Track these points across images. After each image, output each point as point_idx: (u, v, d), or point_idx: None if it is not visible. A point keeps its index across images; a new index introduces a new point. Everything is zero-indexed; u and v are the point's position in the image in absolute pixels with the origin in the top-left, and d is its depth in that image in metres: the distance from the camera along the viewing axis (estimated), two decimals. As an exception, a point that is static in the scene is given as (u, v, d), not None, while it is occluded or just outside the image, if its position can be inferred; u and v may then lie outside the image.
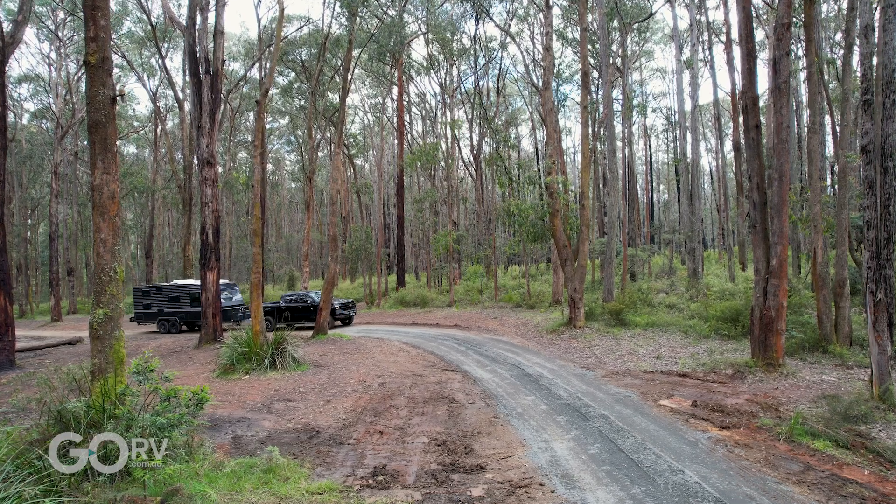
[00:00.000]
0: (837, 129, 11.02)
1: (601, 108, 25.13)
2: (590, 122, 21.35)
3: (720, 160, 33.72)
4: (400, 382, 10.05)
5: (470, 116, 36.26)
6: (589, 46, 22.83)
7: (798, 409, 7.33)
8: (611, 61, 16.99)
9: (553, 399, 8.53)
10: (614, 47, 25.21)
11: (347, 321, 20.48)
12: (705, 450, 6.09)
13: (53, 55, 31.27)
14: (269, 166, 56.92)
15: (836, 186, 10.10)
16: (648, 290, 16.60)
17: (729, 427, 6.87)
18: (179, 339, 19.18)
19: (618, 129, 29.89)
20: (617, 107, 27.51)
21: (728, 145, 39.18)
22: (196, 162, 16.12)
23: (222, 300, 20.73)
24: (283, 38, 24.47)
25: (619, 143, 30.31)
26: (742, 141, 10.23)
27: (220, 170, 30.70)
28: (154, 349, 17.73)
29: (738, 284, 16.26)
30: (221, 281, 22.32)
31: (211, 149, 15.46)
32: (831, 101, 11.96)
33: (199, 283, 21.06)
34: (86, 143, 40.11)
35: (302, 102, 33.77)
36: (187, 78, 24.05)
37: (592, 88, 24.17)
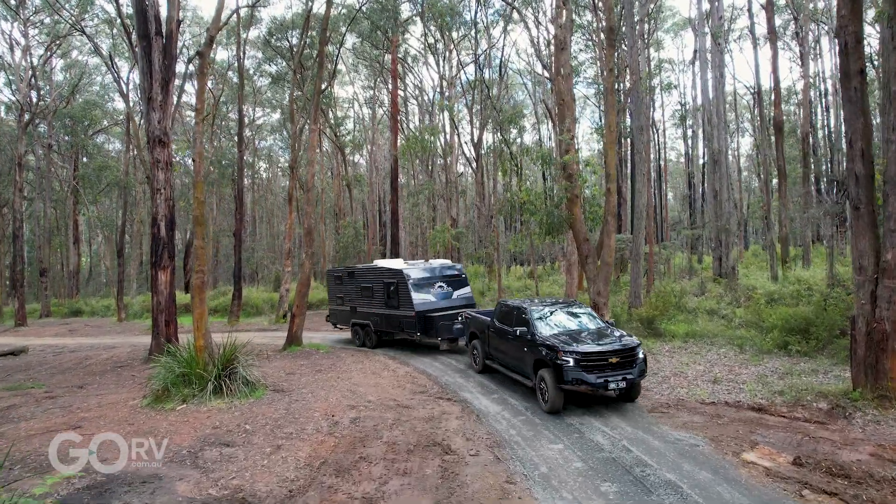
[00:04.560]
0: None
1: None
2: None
3: (759, 149, 30.79)
4: (378, 418, 7.59)
5: (470, 107, 33.80)
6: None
7: (968, 475, 4.89)
8: (636, 27, 14.59)
9: (589, 449, 6.07)
10: (636, 15, 22.59)
11: (629, 393, 7.74)
12: (868, 566, 3.64)
13: (18, 35, 28.90)
14: (262, 163, 54.46)
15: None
16: (682, 292, 14.15)
17: (874, 509, 4.43)
18: (138, 349, 16.62)
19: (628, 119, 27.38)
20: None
21: (741, 140, 36.76)
22: (148, 141, 13.66)
23: (430, 296, 12.91)
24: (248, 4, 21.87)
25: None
26: (782, 119, 7.66)
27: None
28: (103, 361, 15.24)
29: (785, 286, 13.79)
30: (437, 261, 14.68)
31: (164, 125, 12.99)
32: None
33: (404, 266, 13.60)
34: (65, 136, 37.70)
35: (297, 93, 31.28)
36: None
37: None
